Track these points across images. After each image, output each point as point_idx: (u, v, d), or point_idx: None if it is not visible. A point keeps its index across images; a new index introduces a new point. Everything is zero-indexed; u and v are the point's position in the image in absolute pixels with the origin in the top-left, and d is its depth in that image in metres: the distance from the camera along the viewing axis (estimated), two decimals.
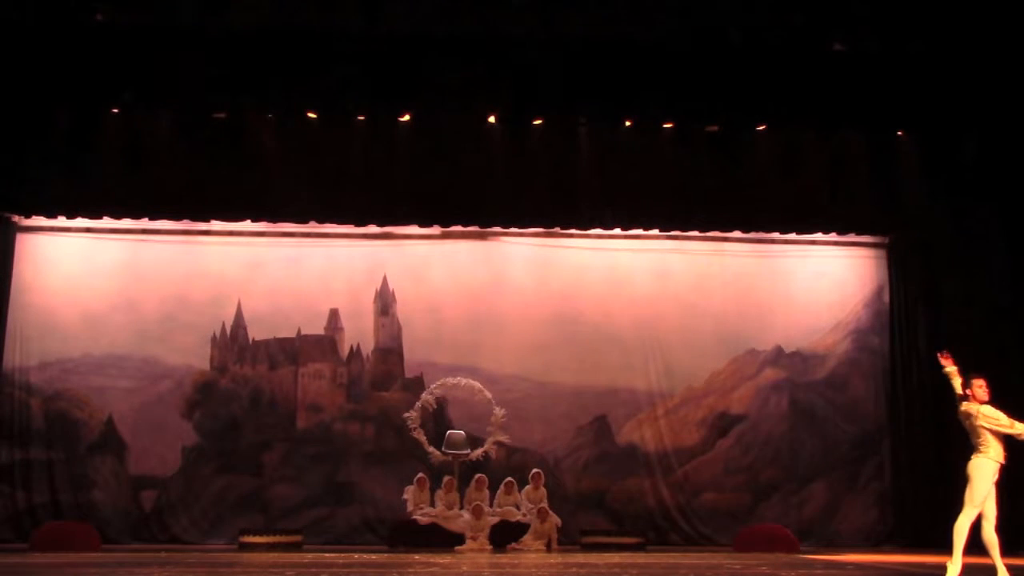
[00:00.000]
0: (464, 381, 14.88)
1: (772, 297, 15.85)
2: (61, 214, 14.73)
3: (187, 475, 14.89)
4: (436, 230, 15.48)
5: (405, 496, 14.13)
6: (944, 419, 14.83)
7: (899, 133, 14.84)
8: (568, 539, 14.18)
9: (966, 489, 8.01)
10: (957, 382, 8.20)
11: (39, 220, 15.04)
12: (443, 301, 15.53)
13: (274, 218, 14.86)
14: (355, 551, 12.69)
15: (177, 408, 15.08)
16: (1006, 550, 7.66)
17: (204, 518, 14.80)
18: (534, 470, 14.39)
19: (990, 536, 7.94)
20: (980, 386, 8.09)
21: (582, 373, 15.45)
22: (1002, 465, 7.99)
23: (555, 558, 11.77)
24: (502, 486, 14.21)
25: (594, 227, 15.22)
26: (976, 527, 7.98)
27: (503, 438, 14.74)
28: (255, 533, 13.76)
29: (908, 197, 14.88)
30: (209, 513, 14.83)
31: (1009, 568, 7.95)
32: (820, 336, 15.81)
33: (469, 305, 15.52)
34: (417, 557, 11.33)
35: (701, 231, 15.30)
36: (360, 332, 15.51)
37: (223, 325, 15.32)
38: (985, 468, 7.96)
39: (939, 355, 8.40)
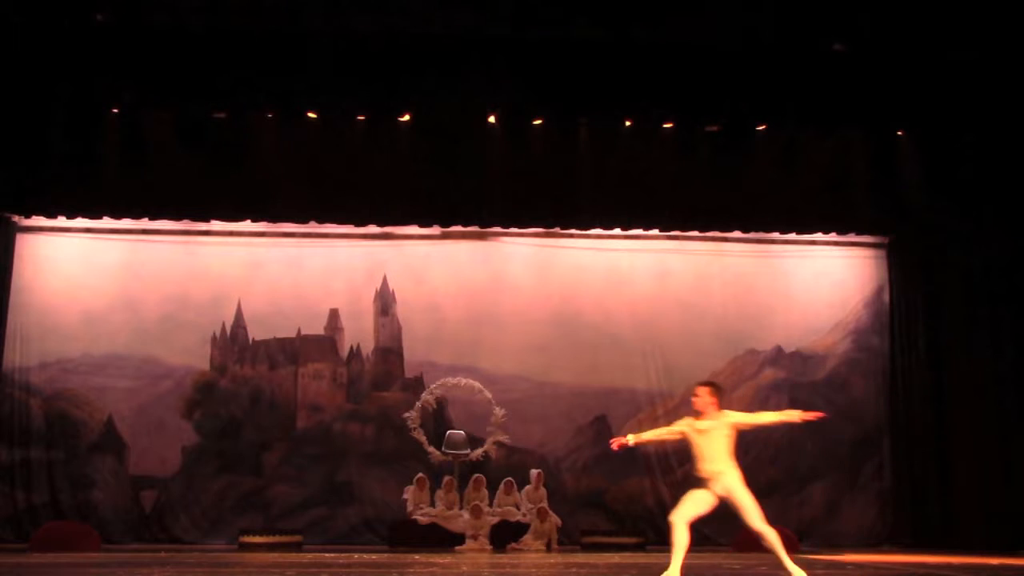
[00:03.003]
0: (464, 381, 14.90)
1: (772, 297, 15.84)
2: (61, 214, 14.71)
3: (187, 475, 14.88)
4: (436, 230, 15.46)
5: (405, 496, 14.14)
6: (944, 419, 14.92)
7: (899, 133, 14.84)
8: (568, 539, 14.19)
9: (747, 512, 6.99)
10: (660, 431, 7.46)
11: (39, 220, 15.01)
12: (443, 301, 15.52)
13: (274, 218, 14.85)
14: (355, 551, 12.67)
15: (177, 408, 15.07)
16: (1007, 549, 7.59)
17: (204, 518, 14.79)
18: (534, 470, 14.39)
19: (767, 530, 7.07)
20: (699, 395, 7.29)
21: (582, 373, 15.43)
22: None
23: (555, 558, 11.76)
24: (502, 486, 14.21)
25: (594, 227, 15.23)
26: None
27: (503, 438, 14.74)
28: (255, 533, 13.77)
29: (908, 197, 14.87)
30: (209, 513, 14.82)
31: (1009, 568, 7.92)
32: (820, 336, 15.81)
33: (469, 305, 15.52)
34: (417, 557, 11.32)
35: (701, 231, 15.29)
36: (360, 332, 15.51)
37: (223, 325, 15.31)
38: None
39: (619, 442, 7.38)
